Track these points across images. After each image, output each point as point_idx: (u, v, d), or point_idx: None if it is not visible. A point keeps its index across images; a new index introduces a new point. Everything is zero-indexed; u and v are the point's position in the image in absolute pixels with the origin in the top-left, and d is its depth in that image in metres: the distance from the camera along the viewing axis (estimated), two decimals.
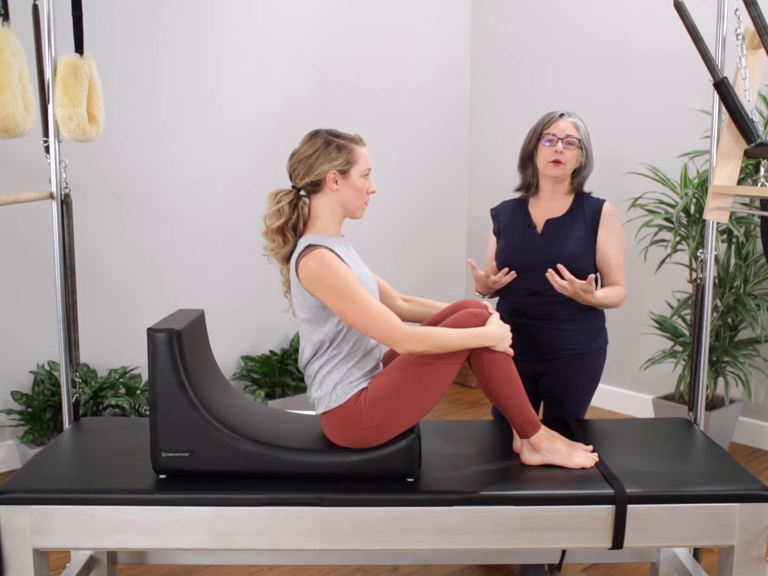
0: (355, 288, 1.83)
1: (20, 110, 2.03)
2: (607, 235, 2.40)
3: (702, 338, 2.30)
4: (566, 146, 2.35)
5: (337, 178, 1.93)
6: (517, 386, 1.94)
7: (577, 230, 2.38)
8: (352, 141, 1.97)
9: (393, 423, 1.87)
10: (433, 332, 1.85)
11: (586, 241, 2.38)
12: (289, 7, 4.01)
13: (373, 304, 1.83)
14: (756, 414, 3.68)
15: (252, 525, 1.81)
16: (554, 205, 2.44)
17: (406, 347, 1.82)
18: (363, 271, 1.97)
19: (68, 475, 1.95)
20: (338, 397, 1.90)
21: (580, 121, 2.41)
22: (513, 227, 2.47)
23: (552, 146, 2.35)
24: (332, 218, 1.97)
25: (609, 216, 2.42)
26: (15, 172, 3.20)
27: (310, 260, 1.85)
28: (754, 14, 1.80)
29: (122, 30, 3.48)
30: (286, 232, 1.95)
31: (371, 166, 1.99)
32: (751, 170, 3.23)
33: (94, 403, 3.27)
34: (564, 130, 2.35)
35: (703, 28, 2.04)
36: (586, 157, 2.40)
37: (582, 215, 2.41)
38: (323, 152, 1.92)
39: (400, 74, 4.48)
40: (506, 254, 2.44)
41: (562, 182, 2.42)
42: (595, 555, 2.32)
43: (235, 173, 3.89)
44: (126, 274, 3.61)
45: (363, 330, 1.84)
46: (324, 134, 1.95)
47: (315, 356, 1.94)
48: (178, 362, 1.87)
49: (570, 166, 2.38)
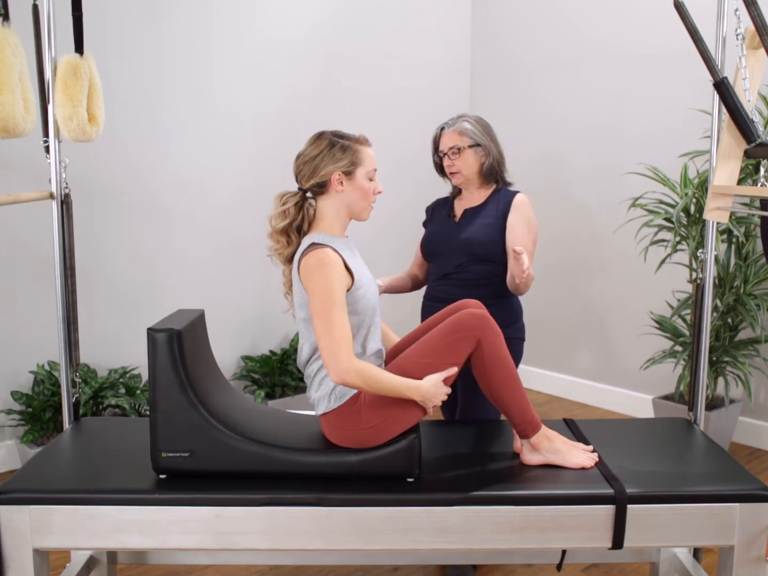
0: (335, 298, 1.82)
1: (20, 110, 2.03)
2: (516, 222, 2.48)
3: (702, 338, 2.30)
4: (453, 157, 2.50)
5: (342, 179, 1.93)
6: (517, 387, 1.94)
7: (489, 218, 2.50)
8: (357, 142, 1.96)
9: (393, 424, 1.87)
10: (373, 372, 1.83)
11: (497, 229, 2.48)
12: (289, 7, 4.01)
13: (339, 321, 1.82)
14: (756, 414, 3.68)
15: (252, 525, 1.81)
16: (474, 197, 2.58)
17: (343, 377, 1.80)
18: (364, 273, 1.96)
19: (68, 475, 1.95)
20: (338, 398, 1.89)
21: (468, 122, 2.49)
22: (437, 219, 2.64)
23: (444, 161, 2.54)
24: (337, 219, 1.97)
25: (519, 205, 2.51)
26: (15, 172, 3.20)
27: (312, 257, 1.85)
28: (754, 14, 1.80)
29: (122, 30, 3.48)
30: (291, 234, 1.95)
31: (377, 167, 1.99)
32: (751, 170, 3.23)
33: (94, 403, 3.27)
34: (447, 143, 2.51)
35: (703, 28, 2.04)
36: (486, 153, 2.49)
37: (496, 204, 2.52)
38: (328, 153, 1.92)
39: (400, 74, 4.48)
40: (426, 242, 2.61)
41: (473, 183, 2.55)
42: (595, 555, 2.32)
43: (235, 173, 3.89)
44: (126, 274, 3.61)
45: (317, 337, 1.83)
46: (329, 135, 1.95)
47: (314, 356, 1.94)
48: (178, 362, 1.87)
49: (468, 170, 2.51)
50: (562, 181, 4.37)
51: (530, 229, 2.49)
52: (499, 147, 2.55)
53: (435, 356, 1.88)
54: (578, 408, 4.28)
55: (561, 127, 4.34)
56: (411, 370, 1.88)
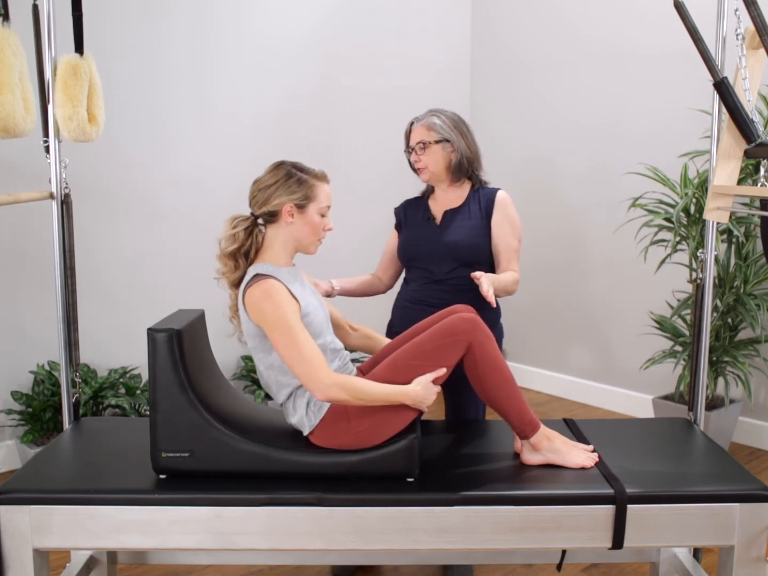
0: (291, 323, 1.82)
1: (20, 110, 2.03)
2: (500, 221, 2.45)
3: (702, 338, 2.30)
4: (420, 152, 2.44)
5: (293, 211, 1.92)
6: (512, 388, 1.94)
7: (473, 219, 2.46)
8: (315, 177, 1.95)
9: (384, 426, 1.87)
10: (356, 383, 1.83)
11: (482, 229, 2.44)
12: (289, 7, 4.01)
13: (305, 343, 1.82)
14: (756, 414, 3.68)
15: (252, 525, 1.81)
16: (450, 197, 2.52)
17: (328, 393, 1.80)
18: (310, 301, 1.94)
19: (68, 475, 1.95)
20: (315, 413, 1.89)
21: (437, 116, 2.45)
22: (413, 222, 2.55)
23: (411, 156, 2.48)
24: (284, 250, 1.97)
25: (502, 203, 2.47)
26: (15, 172, 3.20)
27: (256, 289, 1.84)
28: (754, 14, 1.80)
29: (122, 30, 3.48)
30: (238, 258, 1.94)
31: (331, 204, 1.98)
32: (751, 170, 3.23)
33: (94, 403, 3.27)
34: (415, 138, 2.45)
35: (703, 28, 2.04)
36: (454, 149, 2.44)
37: (477, 204, 2.48)
38: (283, 184, 1.92)
39: (400, 74, 4.48)
40: (407, 247, 2.52)
41: (442, 180, 2.49)
42: (595, 555, 2.32)
43: (235, 173, 3.89)
44: (126, 274, 3.61)
45: (290, 365, 1.83)
46: (288, 166, 1.95)
47: (279, 384, 1.93)
48: (178, 362, 1.87)
49: (434, 167, 2.45)
50: (562, 181, 4.37)
51: (514, 228, 2.47)
52: (473, 144, 2.48)
53: (425, 359, 1.88)
54: (578, 408, 4.28)
55: (561, 127, 4.34)
56: (401, 372, 1.88)
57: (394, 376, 1.88)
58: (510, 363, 4.70)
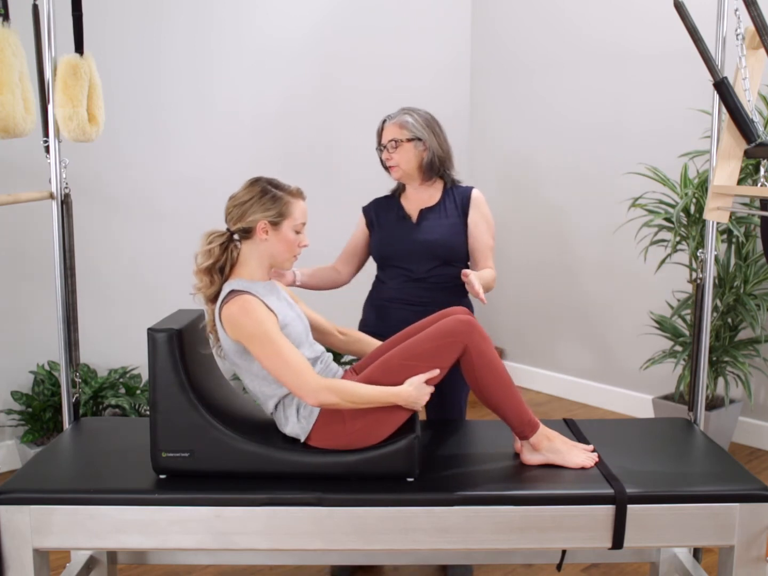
0: (272, 335, 1.82)
1: (20, 110, 2.03)
2: (477, 219, 2.47)
3: (702, 338, 2.30)
4: (391, 150, 2.44)
5: (267, 228, 1.92)
6: (510, 389, 1.94)
7: (450, 218, 2.47)
8: (290, 194, 1.95)
9: (379, 424, 1.87)
10: (346, 386, 1.84)
11: (460, 227, 2.46)
12: (289, 7, 4.01)
13: (289, 352, 1.82)
14: (756, 414, 3.68)
15: (252, 525, 1.81)
16: (424, 196, 2.51)
17: (318, 397, 1.80)
18: (287, 313, 1.94)
19: (68, 475, 1.95)
20: (306, 418, 1.89)
21: (410, 114, 2.46)
22: (387, 221, 2.52)
23: (383, 154, 2.47)
24: (259, 265, 1.96)
25: (478, 201, 2.49)
26: (15, 172, 3.20)
27: (232, 305, 1.84)
28: (754, 14, 1.80)
29: (122, 30, 3.48)
30: (213, 274, 1.94)
31: (306, 221, 1.98)
32: (751, 170, 3.23)
33: (94, 403, 3.27)
34: (387, 136, 2.45)
35: (703, 28, 2.04)
36: (426, 147, 2.44)
37: (453, 203, 2.48)
38: (258, 201, 1.92)
39: (400, 74, 4.47)
40: (383, 246, 2.50)
41: (414, 178, 2.48)
42: (595, 555, 2.32)
43: (235, 173, 3.86)
44: (126, 274, 3.61)
45: (276, 376, 1.83)
46: (263, 183, 1.95)
47: (265, 395, 1.92)
48: (178, 362, 1.87)
49: (406, 165, 2.44)
50: (561, 181, 4.37)
51: (489, 226, 2.50)
52: (444, 143, 2.48)
53: (420, 360, 1.88)
54: (578, 408, 4.28)
55: (561, 127, 4.34)
56: (395, 372, 1.88)
57: (387, 376, 1.88)
58: (510, 363, 4.70)
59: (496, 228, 2.59)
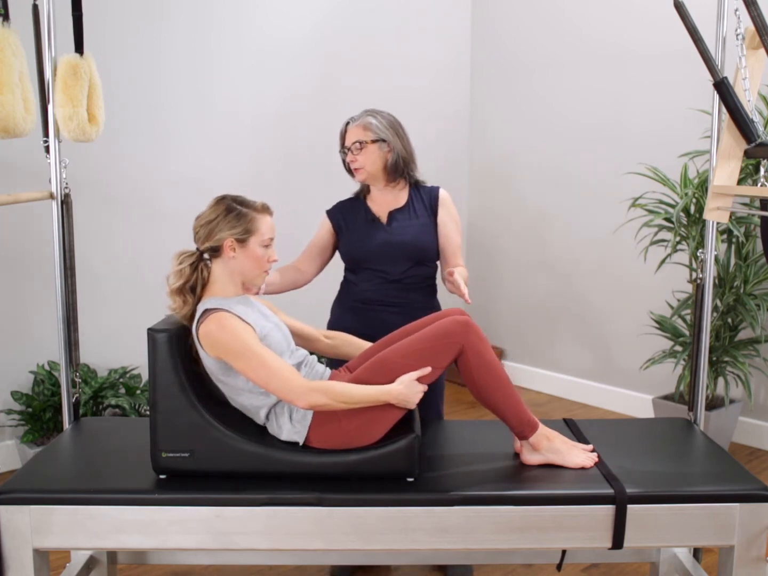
0: (253, 347, 1.82)
1: (20, 110, 2.03)
2: (446, 218, 2.50)
3: (702, 338, 2.30)
4: (356, 152, 2.42)
5: (234, 246, 1.92)
6: (508, 389, 1.94)
7: (420, 218, 2.48)
8: (255, 210, 1.95)
9: (374, 422, 1.87)
10: (335, 386, 1.84)
11: (430, 227, 2.48)
12: (289, 7, 4.01)
13: (273, 361, 1.82)
14: (756, 414, 3.68)
15: (252, 525, 1.81)
16: (389, 198, 2.51)
17: (308, 400, 1.80)
18: (264, 324, 1.94)
19: (68, 475, 1.95)
20: (300, 422, 1.89)
21: (374, 116, 2.44)
22: (355, 223, 2.51)
23: (347, 156, 2.45)
24: (231, 282, 1.97)
25: (445, 201, 2.52)
26: (15, 172, 3.20)
27: (208, 324, 1.84)
28: (754, 14, 1.80)
29: (122, 30, 3.48)
30: (186, 294, 1.94)
31: (274, 236, 1.98)
32: (751, 170, 3.23)
33: (94, 403, 3.27)
34: (351, 138, 2.44)
35: (703, 28, 2.04)
36: (390, 149, 2.44)
37: (421, 203, 2.50)
38: (223, 219, 1.92)
39: (400, 74, 4.48)
40: (354, 249, 2.49)
41: (378, 180, 2.47)
42: (595, 555, 2.32)
43: (235, 173, 3.89)
44: (126, 274, 3.61)
45: (264, 386, 1.83)
46: (228, 201, 1.95)
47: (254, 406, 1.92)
48: (177, 362, 1.87)
49: (371, 167, 2.44)
50: (561, 181, 4.37)
51: (457, 225, 2.53)
52: (408, 145, 2.48)
53: (415, 359, 1.88)
54: (578, 408, 4.28)
55: (561, 127, 4.34)
56: (388, 370, 1.88)
57: (381, 375, 1.88)
58: (510, 363, 4.70)
59: (497, 228, 2.61)
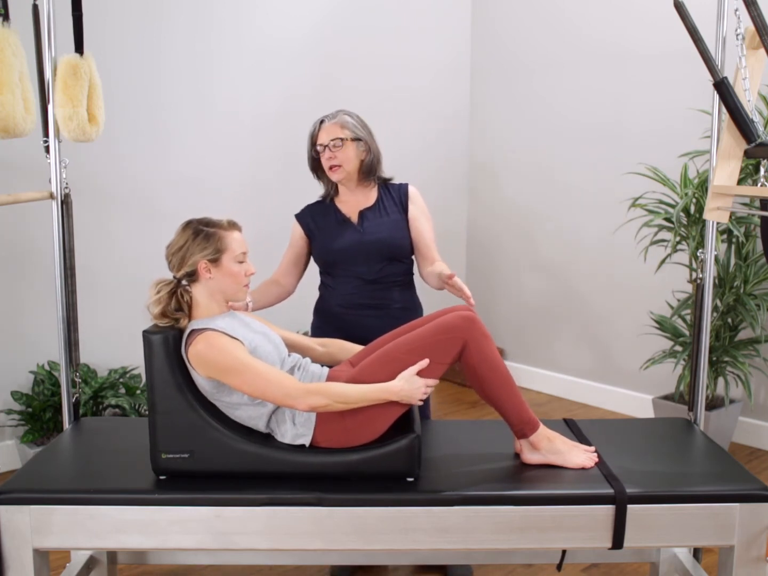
0: (244, 360, 1.83)
1: (20, 110, 2.03)
2: (418, 213, 2.50)
3: (702, 338, 2.30)
4: (334, 149, 2.40)
5: (209, 266, 1.93)
6: (511, 387, 1.94)
7: (391, 215, 2.48)
8: (222, 228, 1.96)
9: (375, 418, 1.87)
10: (333, 387, 1.84)
11: (402, 223, 2.48)
12: (289, 7, 4.01)
13: (267, 370, 1.83)
14: (756, 414, 3.68)
15: (252, 525, 1.81)
16: (359, 197, 2.50)
17: (308, 402, 1.81)
18: (252, 338, 1.94)
19: (68, 475, 1.95)
20: (304, 424, 1.89)
21: (348, 116, 2.44)
22: (327, 226, 2.49)
23: (323, 155, 2.42)
24: (213, 303, 1.97)
25: (415, 196, 2.52)
26: (15, 172, 3.20)
27: (197, 344, 1.85)
28: (754, 14, 1.80)
29: (122, 30, 3.48)
30: (169, 315, 1.94)
31: (247, 250, 1.98)
32: (751, 170, 3.23)
33: (94, 403, 3.27)
34: (329, 135, 2.40)
35: (703, 28, 2.04)
36: (367, 149, 2.44)
37: (391, 200, 2.50)
38: (192, 243, 1.93)
39: (400, 74, 4.48)
40: (327, 251, 2.47)
41: (352, 179, 2.46)
42: (595, 555, 2.32)
43: (235, 173, 3.89)
44: (126, 274, 3.60)
45: (261, 396, 1.83)
46: (194, 224, 1.96)
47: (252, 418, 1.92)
48: (174, 363, 1.87)
49: (348, 165, 2.42)
50: (561, 181, 4.36)
51: (429, 220, 2.53)
52: (377, 145, 2.48)
53: (417, 354, 1.88)
54: (578, 408, 4.28)
55: (561, 127, 4.34)
56: (391, 365, 1.88)
57: (383, 370, 1.88)
58: (510, 363, 4.70)
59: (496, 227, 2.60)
